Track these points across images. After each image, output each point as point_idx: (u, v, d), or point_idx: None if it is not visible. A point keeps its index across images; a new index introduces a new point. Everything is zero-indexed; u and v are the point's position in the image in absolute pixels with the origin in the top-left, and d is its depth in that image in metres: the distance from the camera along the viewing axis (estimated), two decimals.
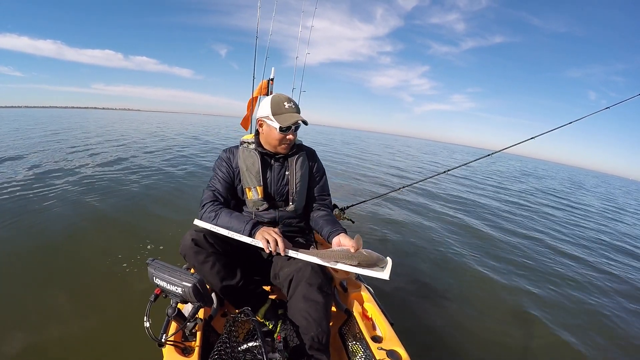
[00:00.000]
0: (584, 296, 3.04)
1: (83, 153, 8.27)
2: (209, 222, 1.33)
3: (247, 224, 1.30)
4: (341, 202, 2.67)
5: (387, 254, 1.27)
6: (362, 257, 1.20)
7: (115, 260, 2.70)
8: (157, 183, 5.50)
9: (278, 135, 1.39)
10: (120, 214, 3.85)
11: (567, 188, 14.84)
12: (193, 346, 1.13)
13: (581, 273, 3.59)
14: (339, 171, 8.49)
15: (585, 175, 43.33)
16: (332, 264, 1.21)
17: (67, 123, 21.01)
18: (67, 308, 2.07)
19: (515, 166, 28.17)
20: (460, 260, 3.44)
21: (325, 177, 1.64)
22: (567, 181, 20.45)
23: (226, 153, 1.52)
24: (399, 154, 19.01)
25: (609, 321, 2.66)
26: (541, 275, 3.35)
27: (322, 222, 1.48)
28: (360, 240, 1.26)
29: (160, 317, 1.14)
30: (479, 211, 5.86)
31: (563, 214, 7.24)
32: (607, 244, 5.11)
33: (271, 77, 2.64)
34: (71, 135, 12.83)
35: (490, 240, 4.25)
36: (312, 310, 1.18)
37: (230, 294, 1.36)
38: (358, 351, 1.25)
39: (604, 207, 10.05)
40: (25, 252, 2.76)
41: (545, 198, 9.14)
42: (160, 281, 1.06)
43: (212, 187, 1.46)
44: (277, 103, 1.39)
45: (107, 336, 1.85)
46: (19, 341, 1.77)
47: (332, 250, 1.27)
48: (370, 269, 1.19)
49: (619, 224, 7.26)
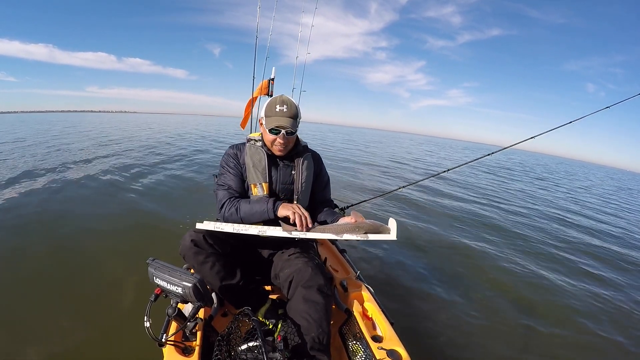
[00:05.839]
0: (585, 298, 3.03)
1: (82, 154, 8.27)
2: (231, 219, 1.35)
3: (268, 202, 1.32)
4: (341, 202, 2.66)
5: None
6: (368, 226, 1.28)
7: (115, 260, 2.70)
8: (157, 183, 5.50)
9: (269, 137, 1.39)
10: (121, 214, 3.85)
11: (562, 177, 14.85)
12: (193, 346, 1.13)
13: (581, 273, 3.60)
14: (338, 171, 8.49)
15: (575, 166, 44.09)
16: (343, 237, 1.27)
17: (65, 126, 20.94)
18: (67, 308, 2.07)
19: (514, 160, 28.17)
20: (460, 260, 3.44)
21: (329, 184, 1.65)
22: (562, 172, 20.56)
23: (233, 149, 1.52)
24: (397, 151, 19.00)
25: (615, 321, 2.66)
26: (541, 276, 3.35)
27: (323, 215, 1.50)
28: (358, 215, 1.32)
29: (160, 317, 1.14)
30: (479, 210, 5.85)
31: (548, 193, 7.24)
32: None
33: (271, 77, 2.63)
34: (81, 137, 12.81)
35: (491, 240, 4.24)
36: (312, 311, 1.18)
37: (230, 294, 1.37)
38: (358, 351, 1.25)
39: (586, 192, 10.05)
40: (26, 252, 2.77)
41: (540, 189, 9.16)
42: (160, 281, 1.06)
43: (224, 185, 1.45)
44: (270, 105, 1.38)
45: (107, 336, 1.85)
46: (19, 341, 1.77)
47: (339, 224, 1.32)
48: (378, 234, 1.27)
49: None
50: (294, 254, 1.41)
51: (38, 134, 14.16)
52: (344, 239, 1.27)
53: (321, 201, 1.59)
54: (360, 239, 1.26)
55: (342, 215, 1.43)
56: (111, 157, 7.93)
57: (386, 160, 13.01)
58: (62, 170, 6.01)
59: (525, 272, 3.35)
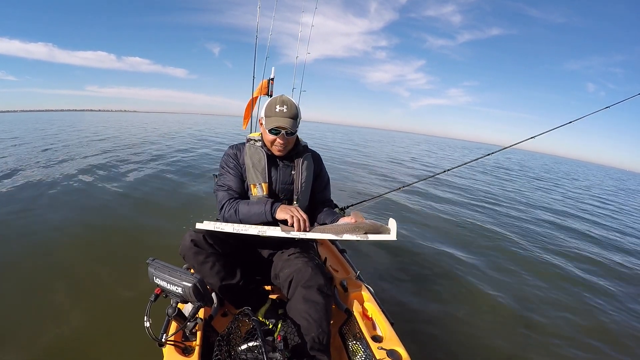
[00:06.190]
0: (585, 299, 3.04)
1: (82, 154, 8.26)
2: (231, 221, 1.34)
3: (266, 204, 1.31)
4: (341, 202, 2.66)
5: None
6: (368, 226, 1.28)
7: (115, 260, 2.70)
8: (158, 183, 5.49)
9: (269, 137, 1.38)
10: (121, 214, 3.84)
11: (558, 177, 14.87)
12: (193, 346, 1.13)
13: (580, 273, 3.60)
14: (338, 170, 8.49)
15: (573, 165, 44.39)
16: (343, 237, 1.27)
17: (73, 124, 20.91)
18: (67, 309, 2.07)
19: (513, 160, 28.17)
20: (461, 260, 3.44)
21: (329, 184, 1.65)
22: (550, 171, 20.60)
23: (233, 149, 1.51)
24: (397, 150, 19.00)
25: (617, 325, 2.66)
26: (542, 276, 3.35)
27: (323, 215, 1.50)
28: (358, 215, 1.32)
29: (160, 317, 1.14)
30: (480, 211, 5.86)
31: (546, 194, 7.25)
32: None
33: (271, 77, 2.63)
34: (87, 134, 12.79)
35: (492, 240, 4.25)
36: (312, 311, 1.18)
37: (230, 294, 1.37)
38: (358, 351, 1.25)
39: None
40: (25, 253, 2.76)
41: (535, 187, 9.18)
42: (160, 281, 1.05)
43: (224, 186, 1.44)
44: (270, 105, 1.38)
45: (108, 336, 1.84)
46: (19, 341, 1.77)
47: (339, 224, 1.32)
48: (377, 234, 1.28)
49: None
50: (294, 254, 1.41)
51: (34, 132, 14.15)
52: (344, 239, 1.27)
53: (321, 201, 1.59)
54: (360, 239, 1.26)
55: (342, 215, 1.43)
56: (111, 157, 7.91)
57: (386, 160, 13.01)
58: (56, 169, 6.00)
59: (525, 273, 3.35)
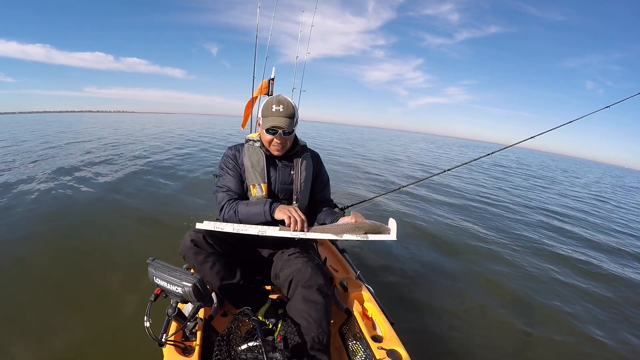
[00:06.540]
0: (586, 299, 3.04)
1: (81, 154, 8.25)
2: (231, 222, 1.33)
3: (265, 204, 1.31)
4: (341, 202, 2.66)
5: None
6: (368, 226, 1.29)
7: (114, 260, 2.70)
8: (157, 183, 5.49)
9: (266, 137, 1.38)
10: (121, 214, 3.84)
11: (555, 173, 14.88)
12: (193, 346, 1.13)
13: (581, 273, 3.60)
14: (337, 170, 8.48)
15: (572, 163, 44.54)
16: (343, 237, 1.27)
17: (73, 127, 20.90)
18: (67, 309, 2.07)
19: (511, 157, 28.18)
20: (461, 260, 3.44)
21: (328, 183, 1.64)
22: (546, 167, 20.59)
23: (232, 150, 1.51)
24: (396, 150, 18.98)
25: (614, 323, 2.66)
26: (542, 276, 3.35)
27: (323, 215, 1.50)
28: (358, 215, 1.32)
29: (160, 317, 1.14)
30: (479, 210, 5.86)
31: (546, 193, 7.26)
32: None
33: (271, 77, 2.62)
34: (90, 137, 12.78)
35: (491, 241, 4.25)
36: (312, 311, 1.18)
37: (230, 294, 1.37)
38: (358, 350, 1.25)
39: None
40: (25, 253, 2.76)
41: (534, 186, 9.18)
42: (160, 281, 1.05)
43: (223, 187, 1.44)
44: (267, 105, 1.37)
45: (108, 336, 1.84)
46: (19, 341, 1.77)
47: (338, 224, 1.32)
48: (378, 234, 1.28)
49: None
50: (294, 253, 1.41)
51: (33, 133, 14.14)
52: (343, 239, 1.27)
53: (321, 201, 1.59)
54: (360, 239, 1.26)
55: (342, 215, 1.43)
56: (110, 156, 7.92)
57: (385, 160, 13.01)
58: (61, 170, 6.01)
59: (525, 273, 3.34)
